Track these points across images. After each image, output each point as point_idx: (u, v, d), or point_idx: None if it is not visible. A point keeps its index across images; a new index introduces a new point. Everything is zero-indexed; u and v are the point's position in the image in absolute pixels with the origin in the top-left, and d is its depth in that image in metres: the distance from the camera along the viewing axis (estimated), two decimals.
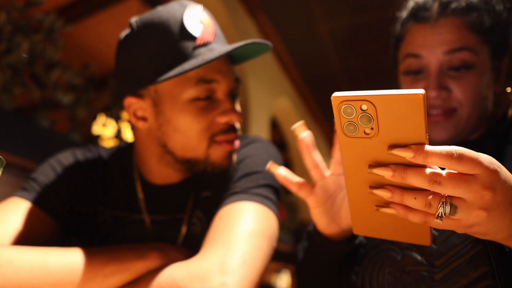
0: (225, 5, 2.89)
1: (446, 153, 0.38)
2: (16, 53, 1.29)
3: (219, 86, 0.69)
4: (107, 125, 1.99)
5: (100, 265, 0.57)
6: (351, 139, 0.42)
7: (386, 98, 0.38)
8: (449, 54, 0.68)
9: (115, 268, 0.57)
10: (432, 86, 0.68)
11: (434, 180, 0.39)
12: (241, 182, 0.70)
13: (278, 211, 0.70)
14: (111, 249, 0.60)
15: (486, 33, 0.68)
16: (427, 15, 0.70)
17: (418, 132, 0.39)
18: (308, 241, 0.71)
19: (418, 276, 0.58)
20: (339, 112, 0.41)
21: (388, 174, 0.41)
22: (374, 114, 0.40)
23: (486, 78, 0.69)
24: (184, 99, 0.67)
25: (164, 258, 0.59)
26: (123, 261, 0.57)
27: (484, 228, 0.42)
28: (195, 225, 0.73)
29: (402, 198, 0.42)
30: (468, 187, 0.38)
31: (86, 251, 0.59)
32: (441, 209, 0.40)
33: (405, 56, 0.73)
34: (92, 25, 2.95)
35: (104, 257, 0.58)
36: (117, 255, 0.58)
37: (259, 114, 3.34)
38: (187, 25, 0.68)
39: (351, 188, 0.48)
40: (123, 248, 0.60)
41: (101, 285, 0.56)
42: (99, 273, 0.56)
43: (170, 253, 0.61)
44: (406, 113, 0.38)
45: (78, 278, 0.55)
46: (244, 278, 0.55)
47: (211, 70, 0.68)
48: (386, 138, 0.41)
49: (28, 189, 0.71)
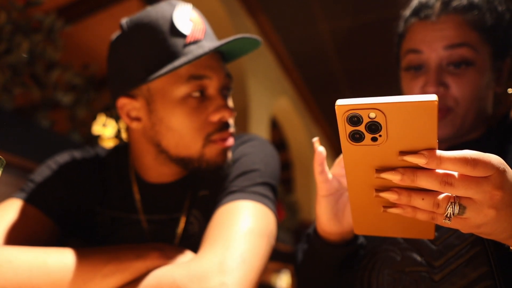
0: (225, 5, 2.89)
1: (461, 158, 0.37)
2: (16, 53, 1.29)
3: (211, 82, 0.69)
4: (107, 125, 1.99)
5: (100, 265, 0.57)
6: (356, 146, 0.40)
7: (398, 105, 0.37)
8: (449, 50, 0.68)
9: (114, 268, 0.57)
10: (431, 81, 0.69)
11: (446, 181, 0.38)
12: (238, 180, 0.70)
13: (276, 209, 0.70)
14: (111, 249, 0.60)
15: (487, 32, 0.69)
16: (429, 12, 0.71)
17: (429, 137, 0.38)
18: (308, 243, 0.71)
19: (417, 276, 0.58)
20: (343, 121, 0.39)
21: (397, 178, 0.40)
22: (384, 122, 0.38)
23: (486, 77, 0.69)
24: (176, 97, 0.68)
25: (164, 258, 0.59)
26: (123, 261, 0.57)
27: (491, 228, 0.42)
28: (192, 224, 0.73)
29: (410, 199, 0.42)
30: (480, 188, 0.38)
31: (85, 251, 0.59)
32: (449, 209, 0.40)
33: (406, 52, 0.74)
34: (92, 25, 2.95)
35: (104, 257, 0.58)
36: (116, 255, 0.58)
37: (259, 114, 3.34)
38: (176, 24, 0.68)
39: (354, 191, 0.47)
40: (122, 248, 0.60)
41: (101, 285, 0.56)
42: (99, 273, 0.56)
43: (170, 253, 0.61)
44: (418, 120, 0.37)
45: (77, 277, 0.55)
46: (243, 278, 0.55)
47: (202, 66, 0.68)
48: (394, 144, 0.39)
49: (26, 190, 0.71)
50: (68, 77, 1.63)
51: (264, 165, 0.73)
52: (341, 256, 0.65)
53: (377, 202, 0.47)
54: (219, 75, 0.70)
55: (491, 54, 0.70)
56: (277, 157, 0.79)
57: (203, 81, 0.68)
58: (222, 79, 0.71)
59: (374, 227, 0.53)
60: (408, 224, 0.50)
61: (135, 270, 0.57)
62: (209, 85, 0.70)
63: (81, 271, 0.56)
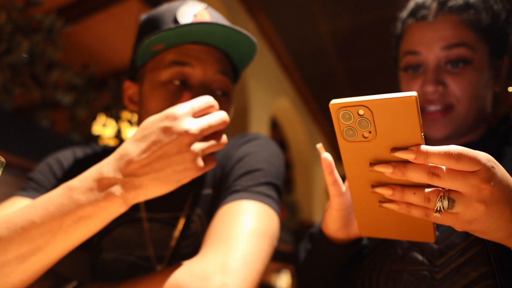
0: (225, 5, 2.90)
1: (445, 152, 0.40)
2: (16, 53, 1.29)
3: (194, 72, 0.68)
4: (107, 125, 1.99)
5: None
6: (351, 143, 0.44)
7: (381, 102, 0.40)
8: (446, 50, 0.69)
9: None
10: (429, 81, 0.69)
11: (433, 173, 0.41)
12: (241, 180, 0.69)
13: (279, 209, 0.70)
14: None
15: (484, 30, 0.69)
16: (425, 13, 0.71)
17: (414, 132, 0.41)
18: (312, 243, 0.71)
19: (419, 275, 0.58)
20: (337, 118, 0.43)
21: (389, 171, 0.43)
22: (371, 118, 0.41)
23: (484, 75, 0.70)
24: (158, 81, 0.68)
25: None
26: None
27: (483, 225, 0.43)
28: (195, 222, 0.72)
29: (403, 194, 0.44)
30: (466, 181, 0.40)
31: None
32: (439, 203, 0.42)
33: (404, 54, 0.74)
34: (92, 25, 2.95)
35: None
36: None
37: (259, 114, 3.34)
38: (178, 15, 0.69)
39: (355, 190, 0.50)
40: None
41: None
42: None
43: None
44: (401, 115, 0.40)
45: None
46: (245, 278, 0.55)
47: (187, 54, 0.68)
48: (384, 140, 0.43)
49: (26, 188, 0.71)
50: (68, 77, 1.64)
51: (268, 165, 0.72)
52: (346, 256, 0.65)
53: (376, 201, 0.49)
54: (205, 66, 0.68)
55: (489, 53, 0.70)
56: (282, 157, 0.78)
57: (185, 68, 0.67)
58: (209, 73, 0.68)
59: (378, 228, 0.54)
60: (408, 226, 0.51)
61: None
62: (191, 75, 0.68)
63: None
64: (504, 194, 0.41)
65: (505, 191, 0.41)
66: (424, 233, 0.51)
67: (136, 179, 0.53)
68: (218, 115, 0.58)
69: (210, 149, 0.57)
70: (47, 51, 1.42)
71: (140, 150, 0.53)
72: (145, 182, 0.53)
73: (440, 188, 0.42)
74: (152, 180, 0.53)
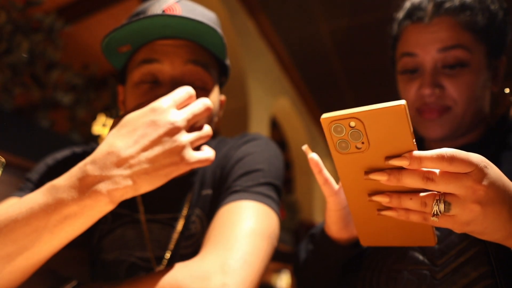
0: (225, 5, 2.89)
1: (438, 156, 0.40)
2: (16, 53, 1.29)
3: (162, 67, 0.66)
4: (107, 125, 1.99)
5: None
6: (345, 155, 0.45)
7: (371, 113, 0.41)
8: (443, 52, 0.68)
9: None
10: (426, 83, 0.69)
11: (427, 177, 0.41)
12: (241, 180, 0.69)
13: (279, 209, 0.70)
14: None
15: (481, 31, 0.69)
16: (422, 15, 0.71)
17: (406, 139, 0.41)
18: (313, 244, 0.71)
19: (419, 275, 0.58)
20: (330, 132, 0.44)
21: (384, 178, 0.43)
22: (363, 129, 0.42)
23: (482, 76, 0.69)
24: (132, 82, 0.68)
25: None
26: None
27: (481, 226, 0.43)
28: (194, 223, 0.72)
29: (400, 201, 0.45)
30: (460, 183, 0.40)
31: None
32: (436, 207, 0.42)
33: (401, 56, 0.74)
34: (92, 25, 2.96)
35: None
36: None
37: (259, 114, 3.34)
38: (147, 9, 0.67)
39: (352, 201, 0.50)
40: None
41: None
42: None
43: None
44: (391, 124, 0.41)
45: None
46: (245, 279, 0.55)
47: (155, 50, 0.66)
48: (377, 150, 0.43)
49: (23, 188, 0.70)
50: (68, 77, 1.64)
51: (267, 165, 0.72)
52: (348, 256, 0.65)
53: (374, 210, 0.50)
54: (172, 60, 0.66)
55: (486, 53, 0.70)
56: (281, 157, 0.78)
57: (153, 65, 0.66)
58: (177, 65, 0.66)
59: (378, 237, 0.55)
60: (408, 232, 0.52)
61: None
62: (160, 71, 0.66)
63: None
64: (499, 194, 0.41)
65: (500, 191, 0.42)
66: (424, 238, 0.51)
67: (123, 175, 0.51)
68: (200, 102, 0.58)
69: (197, 141, 0.57)
70: (47, 51, 1.42)
71: (126, 145, 0.52)
72: (133, 177, 0.52)
73: (435, 192, 0.43)
74: (141, 175, 0.52)
